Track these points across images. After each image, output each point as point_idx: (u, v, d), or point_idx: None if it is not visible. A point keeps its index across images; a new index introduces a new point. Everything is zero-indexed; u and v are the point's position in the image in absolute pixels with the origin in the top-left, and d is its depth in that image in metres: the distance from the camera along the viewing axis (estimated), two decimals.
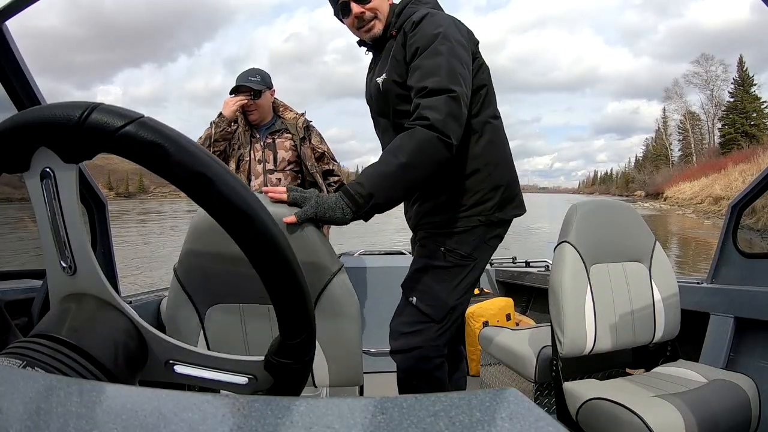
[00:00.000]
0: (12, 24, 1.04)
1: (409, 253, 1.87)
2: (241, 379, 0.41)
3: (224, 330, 0.76)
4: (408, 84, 1.09)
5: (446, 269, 1.17)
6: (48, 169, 0.34)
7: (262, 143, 1.88)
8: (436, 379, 1.18)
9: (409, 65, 1.09)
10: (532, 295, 2.59)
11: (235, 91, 1.83)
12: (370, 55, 1.29)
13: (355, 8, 1.15)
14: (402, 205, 1.22)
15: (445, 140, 0.99)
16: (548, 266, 2.54)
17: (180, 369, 0.41)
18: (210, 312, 0.76)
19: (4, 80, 1.08)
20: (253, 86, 1.82)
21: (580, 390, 1.18)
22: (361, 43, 1.25)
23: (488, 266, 2.88)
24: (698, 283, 1.62)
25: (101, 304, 0.39)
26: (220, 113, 1.82)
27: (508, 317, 2.19)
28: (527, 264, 2.79)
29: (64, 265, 0.38)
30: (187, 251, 0.72)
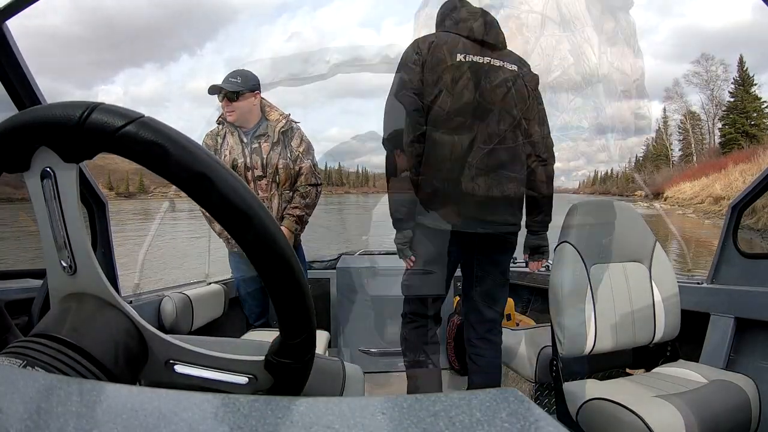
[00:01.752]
0: (12, 24, 1.04)
1: None
2: (241, 379, 0.41)
3: None
4: None
5: None
6: (48, 169, 0.34)
7: (249, 149, 1.85)
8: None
9: None
10: (532, 295, 2.59)
11: (211, 90, 1.80)
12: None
13: None
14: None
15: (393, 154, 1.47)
16: (548, 266, 2.54)
17: (180, 369, 0.41)
18: None
19: (4, 80, 1.08)
20: (226, 87, 1.76)
21: (580, 390, 1.18)
22: None
23: None
24: (698, 283, 1.62)
25: (101, 304, 0.39)
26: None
27: (509, 317, 2.19)
28: (527, 264, 2.78)
29: (64, 264, 0.38)
30: None
